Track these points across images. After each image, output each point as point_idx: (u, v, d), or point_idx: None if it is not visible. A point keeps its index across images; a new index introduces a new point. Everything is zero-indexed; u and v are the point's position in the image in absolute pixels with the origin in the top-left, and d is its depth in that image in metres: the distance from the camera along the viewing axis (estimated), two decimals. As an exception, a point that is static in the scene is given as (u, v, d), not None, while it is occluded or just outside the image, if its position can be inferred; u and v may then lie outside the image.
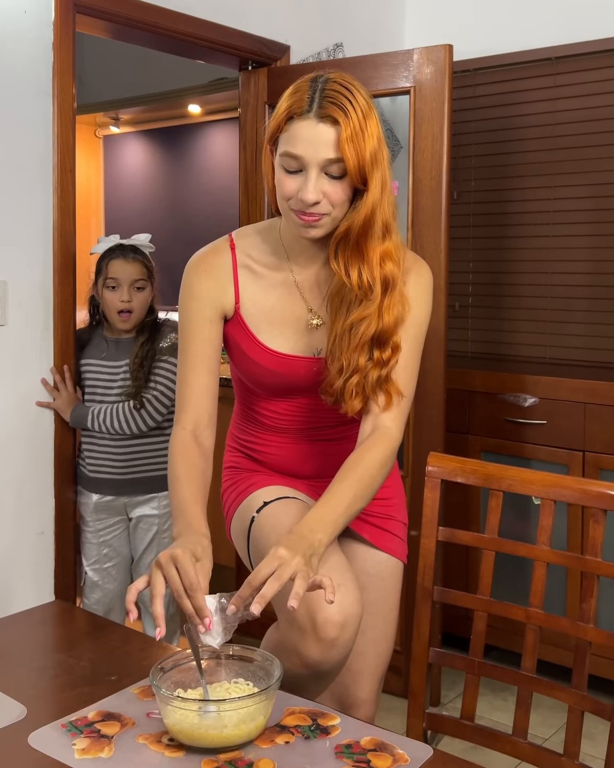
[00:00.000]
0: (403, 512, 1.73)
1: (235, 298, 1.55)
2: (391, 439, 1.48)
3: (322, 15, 3.01)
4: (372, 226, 1.42)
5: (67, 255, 2.33)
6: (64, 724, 1.17)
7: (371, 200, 1.40)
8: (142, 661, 1.35)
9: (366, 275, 1.44)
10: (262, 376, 1.57)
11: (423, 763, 1.09)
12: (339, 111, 1.35)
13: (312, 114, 1.35)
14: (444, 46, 2.50)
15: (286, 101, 1.40)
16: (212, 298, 1.54)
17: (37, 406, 2.30)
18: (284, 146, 1.39)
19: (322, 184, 1.38)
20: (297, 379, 1.56)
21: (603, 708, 1.41)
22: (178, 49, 2.74)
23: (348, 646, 1.38)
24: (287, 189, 1.41)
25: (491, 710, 2.61)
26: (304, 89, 1.38)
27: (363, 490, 1.42)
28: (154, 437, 2.42)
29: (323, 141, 1.35)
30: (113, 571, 2.45)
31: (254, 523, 1.54)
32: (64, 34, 2.27)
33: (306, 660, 1.36)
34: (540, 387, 2.73)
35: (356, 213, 1.41)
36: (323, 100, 1.35)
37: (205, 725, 1.09)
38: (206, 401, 1.53)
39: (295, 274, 1.56)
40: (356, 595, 1.39)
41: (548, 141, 3.09)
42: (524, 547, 1.54)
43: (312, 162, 1.37)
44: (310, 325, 1.55)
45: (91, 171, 4.80)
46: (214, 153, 4.35)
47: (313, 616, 1.34)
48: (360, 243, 1.43)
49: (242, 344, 1.56)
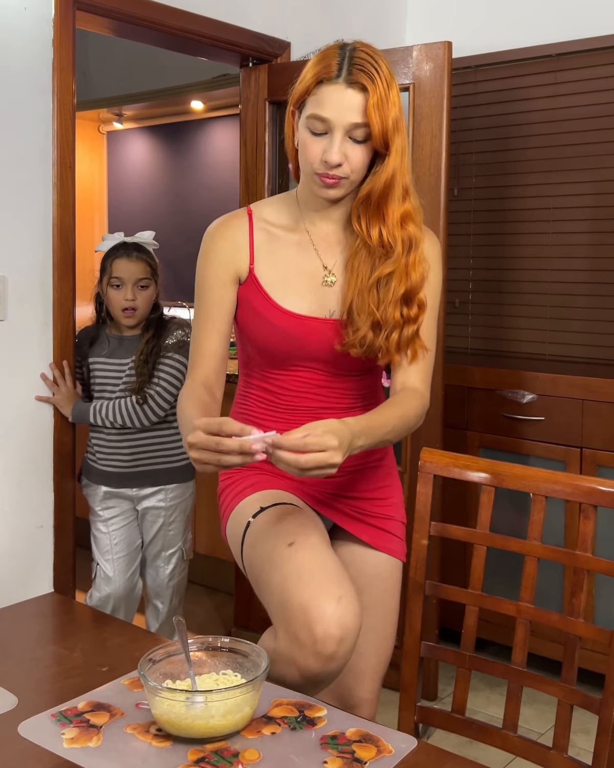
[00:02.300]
0: (402, 511, 1.73)
1: (250, 258, 1.58)
2: (423, 398, 1.59)
3: (323, 11, 3.02)
4: (393, 189, 1.50)
5: (67, 250, 2.35)
6: (54, 714, 1.18)
7: (392, 164, 1.49)
8: (133, 653, 1.36)
9: (386, 235, 1.53)
10: (273, 337, 1.57)
11: (407, 754, 1.10)
12: (367, 78, 1.42)
13: (342, 79, 1.43)
14: (443, 43, 2.50)
15: (314, 67, 1.46)
16: (227, 260, 1.58)
17: (36, 401, 2.32)
18: (312, 109, 1.46)
19: (345, 148, 1.46)
20: (308, 342, 1.57)
21: (592, 702, 1.42)
22: (178, 46, 2.75)
23: (346, 659, 1.36)
24: (312, 151, 1.48)
25: (487, 705, 2.62)
26: (333, 55, 1.45)
27: (399, 427, 1.50)
28: (161, 430, 2.43)
29: (351, 105, 1.43)
30: (124, 562, 2.46)
31: (249, 529, 1.53)
32: (64, 30, 2.28)
33: (304, 672, 1.34)
34: (539, 383, 2.73)
35: (377, 176, 1.50)
36: (352, 66, 1.43)
37: (192, 715, 1.11)
38: (214, 362, 1.58)
39: (310, 234, 1.61)
40: (356, 609, 1.36)
41: (549, 138, 3.09)
42: (515, 542, 1.55)
43: (338, 125, 1.44)
44: (325, 282, 1.59)
45: (95, 167, 4.81)
46: (217, 149, 4.36)
47: (312, 631, 1.32)
48: (380, 205, 1.52)
49: (255, 303, 1.57)
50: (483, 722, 1.55)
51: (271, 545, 1.44)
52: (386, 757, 1.09)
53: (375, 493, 1.69)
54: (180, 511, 2.49)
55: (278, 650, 1.36)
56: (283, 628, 1.37)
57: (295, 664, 1.34)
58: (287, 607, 1.35)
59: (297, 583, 1.36)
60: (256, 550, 1.50)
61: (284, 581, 1.38)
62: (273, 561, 1.43)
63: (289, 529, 1.45)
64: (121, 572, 2.45)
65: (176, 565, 2.52)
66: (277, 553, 1.42)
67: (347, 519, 1.65)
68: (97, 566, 2.47)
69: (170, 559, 2.51)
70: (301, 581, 1.35)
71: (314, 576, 1.36)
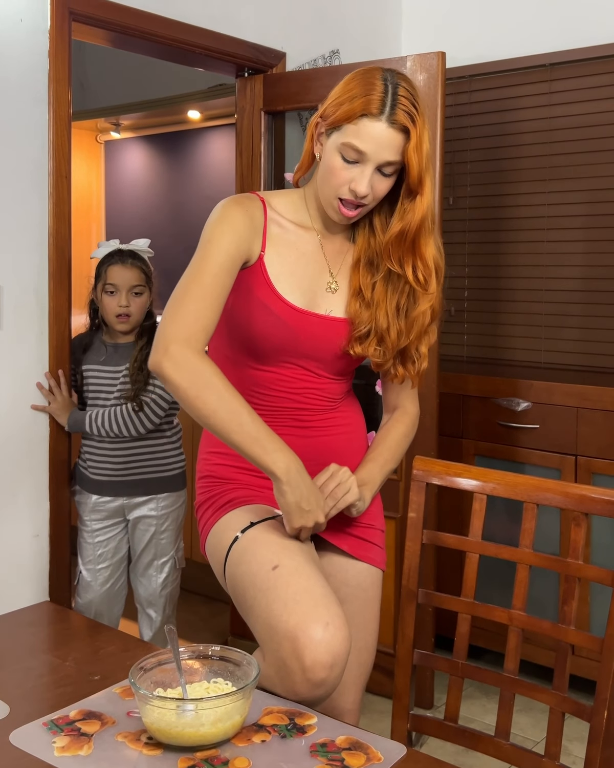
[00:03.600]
0: (381, 519, 1.72)
1: (262, 244, 1.56)
2: (411, 414, 1.74)
3: (318, 22, 3.03)
4: (426, 225, 1.55)
5: (63, 260, 2.35)
6: (45, 723, 1.19)
7: (426, 202, 1.53)
8: (125, 662, 1.36)
9: (421, 271, 1.57)
10: (269, 326, 1.53)
11: (396, 761, 1.11)
12: (409, 120, 1.46)
13: (385, 118, 1.45)
14: (437, 53, 2.52)
15: (360, 97, 1.46)
16: (243, 236, 1.52)
17: (32, 410, 2.33)
18: (350, 138, 1.47)
19: (374, 180, 1.50)
20: (302, 337, 1.56)
21: (584, 709, 1.42)
22: (174, 57, 2.76)
23: (336, 684, 1.34)
24: (341, 177, 1.50)
25: (483, 713, 2.62)
26: (378, 88, 1.46)
27: (393, 455, 1.68)
28: (153, 439, 2.44)
29: (390, 144, 1.47)
30: (106, 573, 2.47)
31: (234, 546, 1.49)
32: (59, 42, 2.30)
33: (293, 696, 1.32)
34: (533, 391, 2.74)
35: (411, 215, 1.53)
36: (396, 106, 1.45)
37: (182, 723, 1.11)
38: (207, 337, 1.44)
39: (321, 238, 1.63)
40: (345, 634, 1.33)
41: (543, 147, 3.10)
42: (507, 550, 1.55)
43: (373, 159, 1.48)
44: (329, 288, 1.61)
45: (92, 176, 4.83)
46: (214, 158, 4.38)
47: (301, 659, 1.29)
48: (415, 242, 1.56)
49: (257, 292, 1.54)
50: (476, 730, 1.55)
51: (255, 567, 1.41)
52: (375, 765, 1.10)
53: None
54: (172, 519, 2.49)
55: (266, 673, 1.34)
56: (270, 654, 1.34)
57: (283, 688, 1.32)
58: (274, 633, 1.33)
59: (283, 610, 1.33)
60: (239, 569, 1.46)
61: (270, 607, 1.35)
62: (256, 585, 1.39)
63: (273, 550, 1.43)
64: (101, 582, 2.46)
65: (169, 574, 2.53)
66: (262, 577, 1.39)
67: (327, 529, 1.61)
68: (80, 573, 2.48)
69: (163, 568, 2.51)
70: (287, 607, 1.33)
71: (300, 601, 1.33)
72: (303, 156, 1.61)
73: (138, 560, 2.52)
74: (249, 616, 1.43)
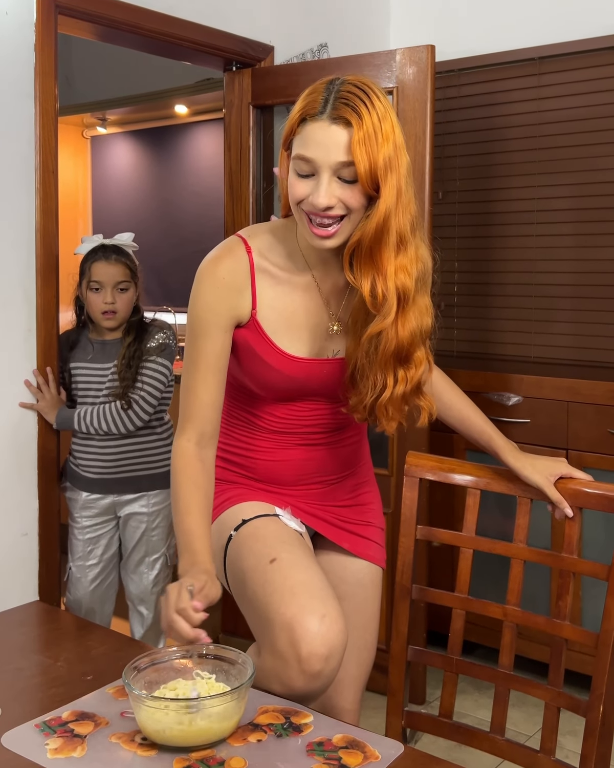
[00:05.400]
0: (381, 517, 1.71)
1: (252, 302, 1.47)
2: (445, 383, 1.82)
3: (307, 15, 3.02)
4: (386, 235, 1.34)
5: (50, 256, 2.33)
6: (37, 724, 1.17)
7: (384, 207, 1.33)
8: (118, 661, 1.35)
9: (380, 286, 1.37)
10: (277, 380, 1.50)
11: (394, 759, 1.10)
12: (352, 112, 1.30)
13: (325, 115, 1.31)
14: (426, 46, 2.51)
15: (300, 103, 1.36)
16: (228, 306, 1.45)
17: (20, 408, 2.31)
18: (296, 149, 1.35)
19: (335, 189, 1.33)
20: (312, 383, 1.52)
21: (579, 704, 1.42)
22: (161, 50, 2.74)
23: (332, 676, 1.34)
24: (298, 191, 1.35)
25: (476, 708, 2.62)
26: (319, 91, 1.34)
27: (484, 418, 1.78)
28: (143, 436, 2.42)
29: (335, 143, 1.31)
30: (96, 570, 2.45)
31: (231, 543, 1.49)
32: (45, 35, 2.27)
33: (289, 690, 1.32)
34: (524, 386, 2.74)
35: (368, 221, 1.34)
36: (337, 101, 1.31)
37: (177, 724, 1.10)
38: (213, 413, 1.47)
39: (317, 279, 1.51)
40: (341, 626, 1.33)
41: (532, 141, 3.10)
42: (501, 545, 1.54)
43: (323, 165, 1.32)
44: (331, 331, 1.51)
45: (79, 172, 4.79)
46: (202, 153, 4.36)
47: (297, 650, 1.29)
48: (373, 253, 1.36)
49: (257, 349, 1.48)
50: (470, 726, 1.54)
51: (253, 561, 1.42)
52: (373, 763, 1.09)
53: (354, 499, 1.67)
54: (163, 516, 2.48)
55: (262, 667, 1.34)
56: (267, 646, 1.35)
57: (279, 682, 1.32)
58: (271, 625, 1.34)
59: (280, 602, 1.33)
60: (238, 565, 1.47)
61: (267, 599, 1.36)
62: (255, 578, 1.40)
63: (270, 544, 1.43)
64: (91, 579, 2.45)
65: (160, 571, 2.51)
66: (259, 570, 1.40)
67: (327, 526, 1.62)
68: (70, 570, 2.47)
69: (154, 565, 2.50)
70: (284, 599, 1.33)
71: (297, 593, 1.34)
72: (281, 190, 1.48)
73: (129, 557, 2.50)
74: (247, 610, 1.44)
